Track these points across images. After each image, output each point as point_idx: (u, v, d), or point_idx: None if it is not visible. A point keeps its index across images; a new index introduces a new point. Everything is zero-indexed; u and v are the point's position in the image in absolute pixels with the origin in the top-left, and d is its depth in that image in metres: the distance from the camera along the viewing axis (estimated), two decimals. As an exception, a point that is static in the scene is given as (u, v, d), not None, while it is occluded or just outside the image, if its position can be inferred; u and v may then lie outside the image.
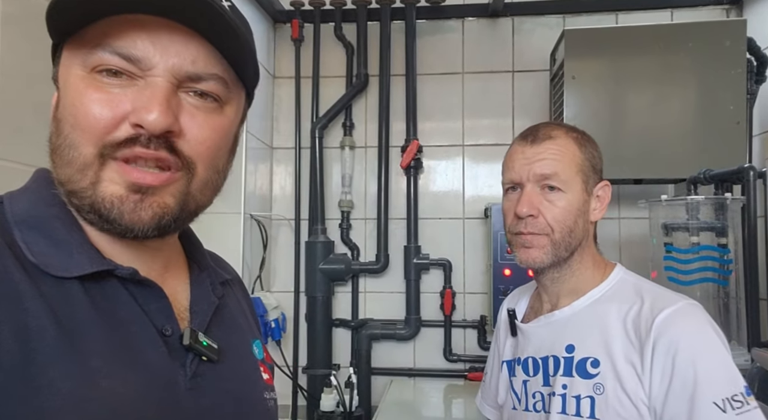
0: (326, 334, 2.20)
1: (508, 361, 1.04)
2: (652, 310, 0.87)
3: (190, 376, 0.54)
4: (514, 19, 2.24)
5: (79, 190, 0.50)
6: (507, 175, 1.00)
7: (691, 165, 1.67)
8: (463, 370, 2.17)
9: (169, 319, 0.55)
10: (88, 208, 0.51)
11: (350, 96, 2.25)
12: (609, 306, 0.92)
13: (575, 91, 1.85)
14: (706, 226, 1.53)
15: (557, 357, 0.93)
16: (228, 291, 0.68)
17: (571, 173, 0.95)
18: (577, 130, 1.01)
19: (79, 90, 0.50)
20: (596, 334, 0.90)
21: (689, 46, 1.79)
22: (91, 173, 0.50)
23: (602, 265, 1.00)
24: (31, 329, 0.44)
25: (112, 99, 0.49)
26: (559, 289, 0.99)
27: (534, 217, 0.94)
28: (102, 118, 0.49)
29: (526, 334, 1.01)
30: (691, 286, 1.53)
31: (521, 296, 1.11)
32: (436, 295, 2.22)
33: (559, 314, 0.97)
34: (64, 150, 0.50)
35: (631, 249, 2.11)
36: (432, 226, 2.26)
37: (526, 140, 0.98)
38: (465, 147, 2.26)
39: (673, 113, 1.81)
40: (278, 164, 2.36)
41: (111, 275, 0.52)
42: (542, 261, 0.95)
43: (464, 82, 2.26)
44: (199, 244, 0.67)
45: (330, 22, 2.29)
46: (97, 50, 0.49)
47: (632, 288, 0.94)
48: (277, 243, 2.32)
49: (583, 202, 0.96)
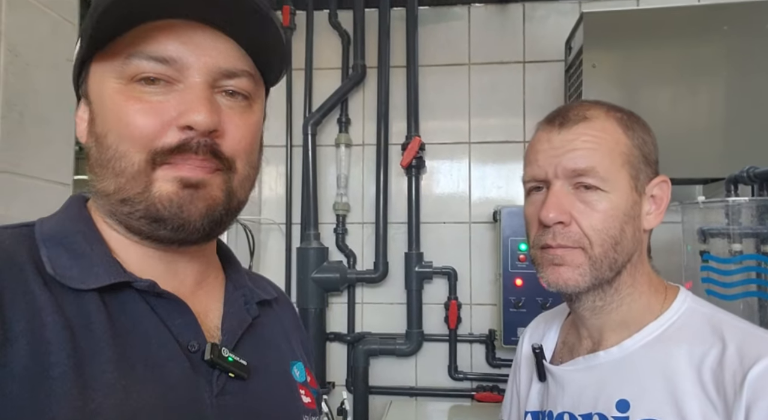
0: (319, 349, 2.06)
1: (533, 412, 0.82)
2: (742, 358, 0.64)
3: (217, 393, 0.54)
4: (525, 5, 2.10)
5: (132, 196, 0.52)
6: (528, 170, 0.78)
7: (724, 163, 1.49)
8: (470, 390, 2.02)
9: (197, 334, 0.55)
10: (141, 213, 0.53)
11: (346, 89, 2.11)
12: (675, 348, 0.70)
13: (595, 81, 1.68)
14: (750, 232, 1.35)
15: (605, 416, 0.71)
16: (268, 311, 0.68)
17: (614, 166, 0.73)
18: (622, 110, 0.79)
19: (119, 102, 0.52)
20: (660, 388, 0.68)
21: (724, 29, 1.62)
22: (144, 178, 0.52)
23: (661, 288, 0.78)
24: (49, 343, 0.46)
25: (155, 107, 0.52)
26: (603, 321, 0.77)
27: (565, 224, 0.72)
28: (149, 126, 0.52)
29: (560, 381, 0.78)
30: (733, 301, 1.35)
31: (549, 326, 0.88)
32: (440, 307, 2.07)
33: (604, 356, 0.74)
34: (114, 162, 0.52)
35: (660, 257, 1.91)
36: (435, 231, 2.11)
37: (553, 124, 0.77)
38: (471, 145, 2.11)
39: (706, 105, 1.65)
40: (268, 164, 2.21)
41: (130, 288, 0.53)
42: (577, 283, 0.72)
43: (470, 74, 2.12)
44: (237, 264, 0.69)
45: (324, 8, 2.16)
46: (132, 59, 0.52)
47: (706, 323, 0.71)
48: (266, 249, 2.18)
49: (633, 205, 0.74)
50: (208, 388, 0.54)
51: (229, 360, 0.56)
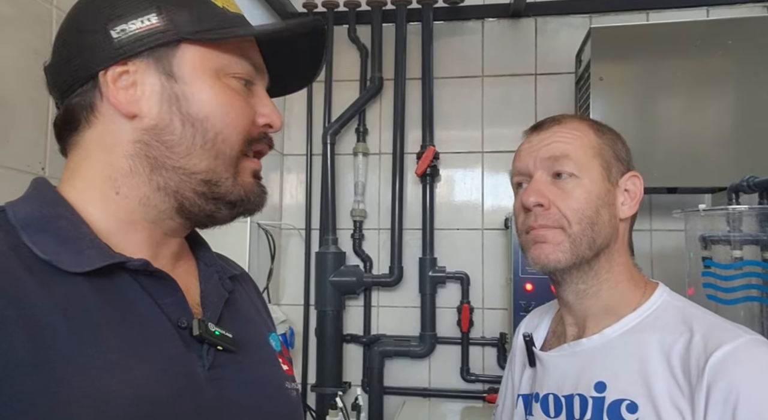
0: (336, 350, 2.10)
1: (524, 395, 0.89)
2: (706, 345, 0.71)
3: (209, 366, 0.55)
4: (537, 20, 2.15)
5: (220, 180, 0.57)
6: (513, 167, 0.87)
7: (731, 173, 1.53)
8: (482, 391, 2.05)
9: (185, 311, 0.56)
10: (218, 195, 0.58)
11: (364, 101, 2.18)
12: (649, 336, 0.76)
13: (602, 93, 1.73)
14: (750, 239, 1.39)
15: (584, 396, 0.78)
16: (237, 286, 0.69)
17: (586, 157, 0.80)
18: (596, 121, 0.87)
19: (225, 92, 0.57)
20: (633, 371, 0.75)
21: (728, 44, 1.66)
22: (234, 165, 0.58)
23: (641, 283, 0.84)
24: (43, 326, 0.45)
25: (248, 105, 0.59)
26: (587, 307, 0.83)
27: (545, 208, 0.80)
28: (249, 117, 0.59)
29: (546, 366, 0.85)
30: (733, 306, 1.38)
31: (542, 318, 0.96)
32: (453, 311, 2.12)
33: (586, 343, 0.81)
34: (215, 144, 0.56)
35: (665, 263, 1.96)
36: (449, 237, 2.15)
37: (531, 130, 0.86)
38: (484, 154, 2.16)
39: (711, 117, 1.68)
40: (289, 172, 2.28)
41: (121, 269, 0.53)
42: (558, 260, 0.79)
43: (484, 86, 2.17)
44: (205, 243, 0.69)
45: (344, 24, 2.23)
46: (242, 60, 0.59)
47: (678, 315, 0.77)
48: (287, 253, 2.24)
49: (606, 192, 0.81)
50: (200, 363, 0.55)
51: (216, 334, 0.57)
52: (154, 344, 0.52)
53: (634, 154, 0.89)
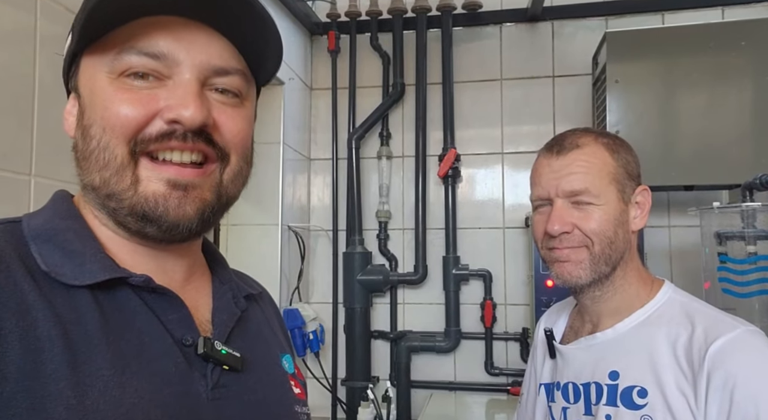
0: (365, 346, 2.18)
1: (546, 384, 0.98)
2: (706, 337, 0.79)
3: (212, 386, 0.53)
4: (553, 23, 2.19)
5: (118, 192, 0.51)
6: (534, 191, 0.95)
7: (746, 170, 1.57)
8: (506, 385, 2.12)
9: (190, 329, 0.54)
10: (127, 210, 0.51)
11: (387, 106, 2.25)
12: (656, 329, 0.85)
13: (618, 95, 1.78)
14: (764, 234, 1.44)
15: (600, 384, 0.87)
16: (253, 305, 0.68)
17: (603, 185, 0.88)
18: (608, 135, 0.94)
19: (108, 93, 0.51)
20: (643, 361, 0.83)
21: (742, 44, 1.70)
22: (129, 174, 0.51)
23: (649, 281, 0.93)
24: (40, 339, 0.44)
25: (142, 98, 0.50)
26: (601, 308, 0.92)
27: (569, 233, 0.88)
28: (134, 116, 0.50)
29: (566, 357, 0.94)
30: (748, 299, 1.44)
31: (560, 314, 1.05)
32: (476, 307, 2.18)
33: (601, 336, 0.90)
34: (98, 154, 0.51)
35: (683, 259, 2.01)
36: (471, 235, 2.22)
37: (551, 152, 0.93)
38: (504, 155, 2.21)
39: (725, 116, 1.72)
40: (316, 175, 2.37)
41: (124, 284, 0.52)
42: (580, 277, 0.87)
43: (503, 89, 2.22)
44: (223, 260, 0.68)
45: (366, 32, 2.29)
46: (123, 54, 0.51)
47: (683, 310, 0.86)
48: (315, 254, 2.32)
49: (621, 212, 0.89)
50: (203, 382, 0.53)
51: (223, 353, 0.55)
52: (152, 362, 0.50)
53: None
